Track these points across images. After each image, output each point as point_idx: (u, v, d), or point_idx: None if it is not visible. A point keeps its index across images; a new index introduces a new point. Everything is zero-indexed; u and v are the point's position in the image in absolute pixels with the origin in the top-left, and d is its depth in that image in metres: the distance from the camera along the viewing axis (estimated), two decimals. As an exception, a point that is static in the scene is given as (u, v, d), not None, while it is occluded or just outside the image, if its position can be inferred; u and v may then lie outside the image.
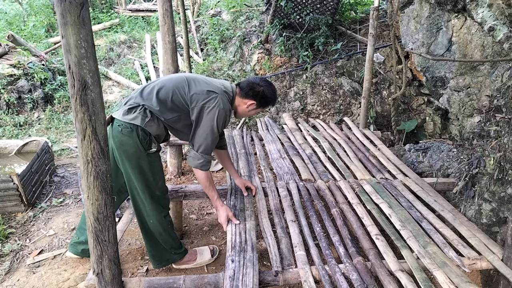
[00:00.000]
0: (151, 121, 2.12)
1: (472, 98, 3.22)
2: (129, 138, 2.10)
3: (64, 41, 1.29)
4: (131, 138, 2.10)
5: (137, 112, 2.11)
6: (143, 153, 2.13)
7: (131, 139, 2.10)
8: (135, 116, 2.10)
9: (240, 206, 2.37)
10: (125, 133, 2.10)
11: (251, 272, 1.77)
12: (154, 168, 2.20)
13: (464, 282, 1.71)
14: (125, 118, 2.10)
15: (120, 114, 2.12)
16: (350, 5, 5.63)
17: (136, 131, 2.09)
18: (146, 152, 2.14)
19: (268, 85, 2.29)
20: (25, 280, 2.49)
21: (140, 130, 2.10)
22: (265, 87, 2.26)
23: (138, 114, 2.10)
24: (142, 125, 2.09)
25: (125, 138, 2.10)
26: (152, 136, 2.14)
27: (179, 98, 2.13)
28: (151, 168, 2.18)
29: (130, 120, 2.09)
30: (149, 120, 2.11)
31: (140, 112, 2.11)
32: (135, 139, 2.10)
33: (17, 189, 3.10)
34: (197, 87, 2.15)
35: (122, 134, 2.10)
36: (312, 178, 2.77)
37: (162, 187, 2.29)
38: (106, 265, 1.65)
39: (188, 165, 4.16)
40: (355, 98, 4.67)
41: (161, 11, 3.36)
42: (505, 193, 2.21)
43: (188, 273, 2.52)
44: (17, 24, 8.33)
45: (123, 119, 2.10)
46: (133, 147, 2.11)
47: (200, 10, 7.85)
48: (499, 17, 2.66)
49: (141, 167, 2.16)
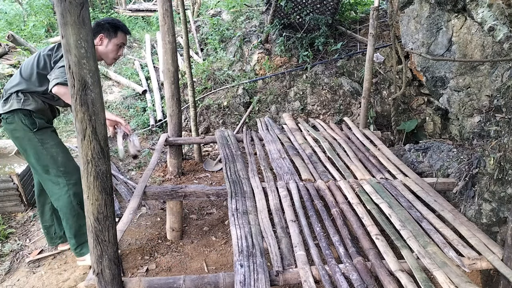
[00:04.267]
0: (27, 100, 2.29)
1: (472, 98, 3.22)
2: (14, 124, 2.28)
3: (64, 41, 1.29)
4: (16, 123, 2.28)
5: (12, 99, 2.28)
6: (31, 133, 2.29)
7: (16, 125, 2.28)
8: (11, 103, 2.28)
9: (243, 209, 2.35)
10: (9, 122, 2.28)
11: (262, 278, 1.76)
12: (47, 145, 2.33)
13: (464, 282, 1.71)
14: (4, 109, 2.28)
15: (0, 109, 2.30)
16: (350, 5, 5.63)
17: (17, 116, 2.27)
18: (33, 131, 2.28)
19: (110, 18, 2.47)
20: (25, 280, 2.49)
21: (20, 112, 2.27)
22: (105, 19, 2.42)
23: (13, 100, 2.28)
24: (20, 106, 2.26)
25: (12, 126, 2.29)
26: (34, 113, 2.29)
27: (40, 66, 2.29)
28: (43, 145, 2.31)
29: (8, 109, 2.27)
30: (25, 100, 2.28)
31: (13, 98, 2.28)
32: (19, 123, 2.27)
33: (17, 189, 3.10)
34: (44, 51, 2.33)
35: (8, 123, 2.29)
36: (312, 178, 2.77)
37: (64, 162, 2.37)
38: (106, 265, 1.65)
39: (188, 165, 4.16)
40: (355, 98, 4.66)
41: (161, 11, 3.36)
42: (505, 193, 2.21)
43: (188, 273, 2.52)
44: (17, 24, 8.32)
45: (3, 110, 2.28)
46: (20, 131, 2.29)
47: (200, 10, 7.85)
48: (499, 17, 2.66)
49: (34, 147, 2.31)
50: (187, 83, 4.19)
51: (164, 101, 4.90)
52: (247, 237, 2.08)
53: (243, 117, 4.84)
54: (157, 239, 2.94)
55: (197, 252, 2.81)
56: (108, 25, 2.40)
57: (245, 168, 2.91)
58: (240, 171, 2.86)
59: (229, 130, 3.67)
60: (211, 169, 4.11)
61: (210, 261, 2.73)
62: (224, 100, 4.98)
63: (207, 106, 4.99)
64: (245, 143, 3.42)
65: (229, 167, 2.90)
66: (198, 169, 4.11)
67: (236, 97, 4.96)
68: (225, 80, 5.20)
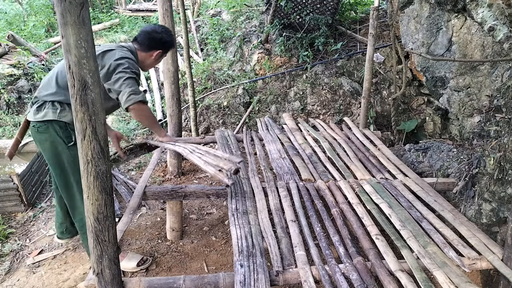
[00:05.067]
0: (63, 110, 2.11)
1: (472, 98, 3.22)
2: (47, 135, 2.11)
3: (64, 41, 1.29)
4: (49, 134, 2.10)
5: (46, 108, 2.11)
6: (65, 147, 2.13)
7: (49, 136, 2.11)
8: (45, 112, 2.10)
9: (243, 209, 2.35)
10: (41, 131, 2.11)
11: (262, 278, 1.76)
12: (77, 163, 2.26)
13: (464, 282, 1.71)
14: (37, 117, 2.11)
15: (32, 116, 2.14)
16: (350, 5, 5.63)
17: (52, 127, 2.09)
18: (67, 145, 2.13)
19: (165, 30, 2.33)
20: (25, 280, 2.49)
21: (55, 124, 2.10)
22: (163, 33, 2.29)
23: (48, 110, 2.10)
24: (55, 118, 2.09)
25: (43, 136, 2.12)
26: (70, 125, 2.13)
27: None
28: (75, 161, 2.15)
29: (42, 118, 2.09)
30: (61, 111, 2.10)
31: (48, 107, 2.10)
32: (53, 135, 2.10)
33: (17, 189, 3.10)
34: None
35: (39, 132, 2.12)
36: (312, 178, 2.77)
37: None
38: (106, 265, 1.65)
39: (188, 165, 4.16)
40: (355, 98, 4.66)
41: (161, 11, 3.36)
42: (505, 193, 2.21)
43: (188, 273, 2.52)
44: (17, 24, 8.32)
45: (35, 119, 2.11)
46: (53, 144, 2.12)
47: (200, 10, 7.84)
48: (499, 17, 2.66)
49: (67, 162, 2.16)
50: (187, 83, 4.19)
51: (164, 101, 4.90)
52: (247, 237, 2.07)
53: (243, 117, 4.83)
54: (157, 239, 2.95)
55: (197, 252, 2.81)
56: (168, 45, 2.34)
57: (245, 168, 2.91)
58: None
59: (229, 130, 3.67)
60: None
61: (210, 261, 2.73)
62: (224, 100, 4.98)
63: (207, 106, 4.99)
64: (245, 143, 3.42)
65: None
66: (198, 169, 4.11)
67: (236, 97, 4.96)
68: (225, 80, 5.20)
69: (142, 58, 2.31)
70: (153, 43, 2.27)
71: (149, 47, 2.28)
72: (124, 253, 2.63)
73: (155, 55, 2.31)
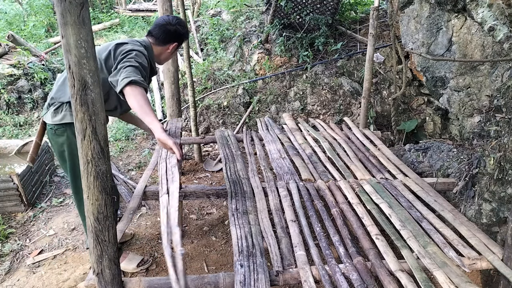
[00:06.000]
0: None
1: (472, 98, 3.22)
2: (64, 138, 2.10)
3: (64, 41, 1.29)
4: (66, 137, 2.09)
5: (64, 110, 2.09)
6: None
7: (66, 138, 2.10)
8: (63, 115, 2.08)
9: (243, 209, 2.35)
10: (59, 134, 2.09)
11: (263, 278, 1.76)
12: None
13: (464, 282, 1.71)
14: (55, 120, 2.09)
15: (49, 118, 2.11)
16: (350, 5, 5.62)
17: (70, 130, 2.06)
18: None
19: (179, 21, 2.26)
20: (25, 280, 2.49)
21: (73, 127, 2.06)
22: (177, 25, 2.22)
23: (65, 112, 2.08)
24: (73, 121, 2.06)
25: (61, 139, 2.10)
26: None
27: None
28: None
29: (60, 121, 2.08)
30: None
31: (66, 109, 2.08)
32: (71, 138, 2.08)
33: (17, 189, 3.11)
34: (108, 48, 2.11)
35: (57, 135, 2.10)
36: (312, 178, 2.77)
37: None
38: (106, 265, 1.65)
39: (188, 165, 4.16)
40: (355, 98, 4.66)
41: (161, 11, 3.36)
42: (505, 193, 2.21)
43: (188, 273, 2.52)
44: (17, 24, 8.32)
45: (53, 122, 2.09)
46: (70, 146, 2.10)
47: (200, 10, 7.84)
48: (499, 17, 2.66)
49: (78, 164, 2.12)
50: (187, 83, 4.19)
51: (164, 101, 4.90)
52: (247, 237, 2.07)
53: (243, 117, 4.83)
54: (157, 239, 2.94)
55: (197, 252, 2.81)
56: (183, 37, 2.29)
57: (245, 168, 2.91)
58: (240, 171, 2.85)
59: (229, 130, 3.67)
60: (211, 169, 4.11)
61: (210, 261, 2.73)
62: (224, 100, 4.98)
63: (207, 106, 4.99)
64: (245, 143, 3.42)
65: (229, 167, 2.90)
66: (198, 169, 4.11)
67: (236, 97, 4.96)
68: (225, 80, 5.20)
69: (158, 52, 2.25)
70: (168, 36, 2.21)
71: (164, 40, 2.22)
72: (125, 254, 2.62)
73: (171, 48, 2.26)
